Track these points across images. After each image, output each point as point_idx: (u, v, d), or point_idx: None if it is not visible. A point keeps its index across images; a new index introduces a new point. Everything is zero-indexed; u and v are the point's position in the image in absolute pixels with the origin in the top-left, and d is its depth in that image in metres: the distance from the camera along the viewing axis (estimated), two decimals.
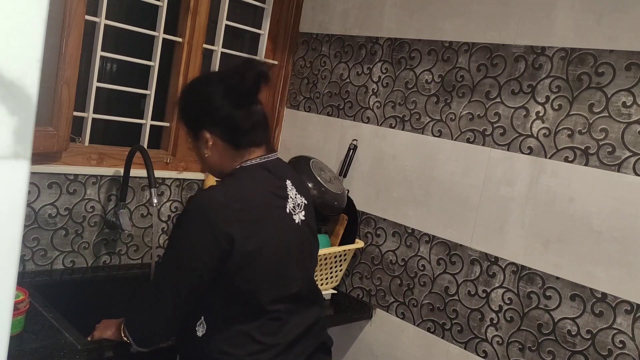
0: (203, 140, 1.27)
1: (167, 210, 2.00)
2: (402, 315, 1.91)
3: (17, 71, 0.39)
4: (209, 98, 1.25)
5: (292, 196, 1.29)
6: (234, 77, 1.22)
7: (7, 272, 0.41)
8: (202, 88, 1.28)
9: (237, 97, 1.23)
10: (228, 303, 1.19)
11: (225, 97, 1.23)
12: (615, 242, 1.46)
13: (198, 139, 1.28)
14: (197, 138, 1.28)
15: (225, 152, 1.26)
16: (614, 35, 1.48)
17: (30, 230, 1.68)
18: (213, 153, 1.27)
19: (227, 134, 1.25)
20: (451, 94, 1.81)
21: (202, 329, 1.20)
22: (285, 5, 2.27)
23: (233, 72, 1.23)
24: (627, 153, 1.46)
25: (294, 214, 1.29)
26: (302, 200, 1.33)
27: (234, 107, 1.23)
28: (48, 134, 1.55)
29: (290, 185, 1.31)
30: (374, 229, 1.99)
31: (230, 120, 1.24)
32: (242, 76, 1.21)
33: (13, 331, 1.29)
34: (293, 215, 1.28)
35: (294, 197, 1.30)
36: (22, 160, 0.40)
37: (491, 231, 1.70)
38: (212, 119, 1.25)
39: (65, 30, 1.50)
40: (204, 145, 1.27)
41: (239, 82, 1.22)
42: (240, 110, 1.24)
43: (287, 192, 1.29)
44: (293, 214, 1.28)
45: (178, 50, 1.99)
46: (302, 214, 1.31)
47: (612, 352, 1.46)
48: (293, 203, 1.29)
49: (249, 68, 1.22)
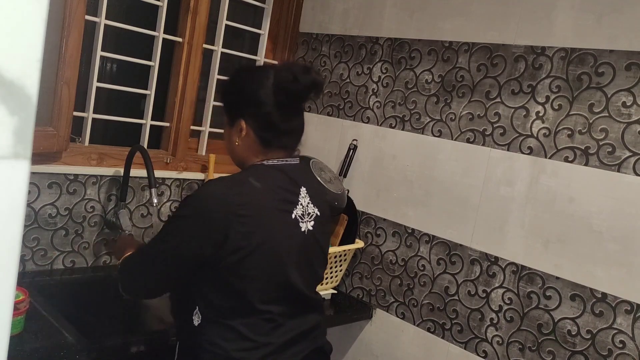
0: (237, 128, 1.27)
1: (167, 210, 2.00)
2: (402, 315, 1.91)
3: (17, 71, 0.39)
4: (257, 90, 1.24)
5: (303, 203, 1.27)
6: (287, 78, 1.21)
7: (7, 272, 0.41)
8: (253, 78, 1.27)
9: (284, 98, 1.23)
10: (220, 297, 1.19)
11: (272, 94, 1.23)
12: (615, 242, 1.46)
13: (233, 125, 1.28)
14: (232, 124, 1.29)
15: (253, 146, 1.27)
16: (614, 35, 1.48)
17: (30, 230, 1.68)
18: (242, 143, 1.27)
19: (262, 130, 1.25)
20: (451, 94, 1.81)
21: (198, 319, 1.20)
22: (285, 5, 2.27)
23: (288, 73, 1.22)
24: (627, 153, 1.46)
25: (301, 222, 1.26)
26: (314, 210, 1.30)
27: (277, 107, 1.23)
28: (48, 134, 1.55)
29: (304, 193, 1.29)
30: (374, 229, 1.99)
31: (270, 118, 1.24)
32: (295, 79, 1.21)
33: (13, 331, 1.29)
34: (300, 222, 1.26)
35: (306, 205, 1.28)
36: (22, 160, 0.40)
37: (491, 231, 1.70)
38: (253, 111, 1.25)
39: (65, 30, 1.50)
40: (236, 132, 1.27)
41: (291, 84, 1.21)
42: (283, 112, 1.24)
43: (297, 198, 1.27)
44: (300, 221, 1.26)
45: (178, 50, 1.99)
46: (311, 224, 1.28)
47: (612, 352, 1.46)
48: (302, 211, 1.27)
49: (304, 74, 1.22)
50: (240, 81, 1.31)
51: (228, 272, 1.17)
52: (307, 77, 1.21)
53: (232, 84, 1.33)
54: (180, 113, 1.99)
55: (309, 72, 1.22)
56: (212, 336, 1.19)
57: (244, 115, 1.26)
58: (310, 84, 1.22)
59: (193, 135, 2.10)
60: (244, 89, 1.27)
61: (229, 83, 1.34)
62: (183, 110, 1.99)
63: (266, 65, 1.38)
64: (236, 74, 1.35)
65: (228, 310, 1.19)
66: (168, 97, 2.03)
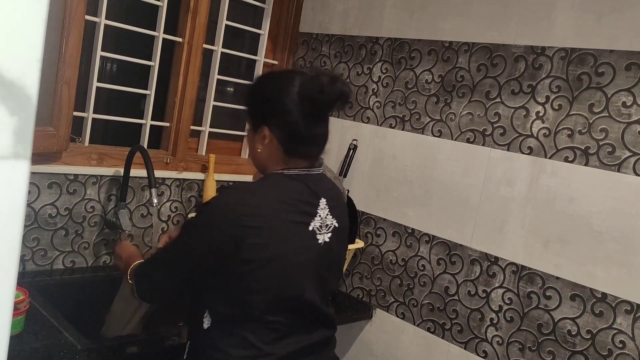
0: (261, 135, 1.24)
1: (167, 210, 2.00)
2: (402, 315, 1.91)
3: (17, 71, 0.39)
4: (282, 98, 1.22)
5: (321, 215, 1.26)
6: (314, 88, 1.19)
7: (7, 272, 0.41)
8: (278, 86, 1.24)
9: (309, 108, 1.21)
10: (227, 304, 1.20)
11: (298, 103, 1.20)
12: (615, 242, 1.46)
13: (256, 132, 1.26)
14: (255, 130, 1.27)
15: (276, 154, 1.24)
16: (614, 35, 1.48)
17: (30, 230, 1.68)
18: (265, 150, 1.25)
19: (285, 138, 1.22)
20: (451, 94, 1.81)
21: (207, 322, 1.21)
22: (285, 5, 2.27)
23: (315, 83, 1.19)
24: (627, 153, 1.46)
25: (319, 233, 1.24)
26: (332, 222, 1.28)
27: (303, 116, 1.21)
28: (48, 134, 1.55)
29: (324, 204, 1.27)
30: (374, 229, 1.99)
31: (294, 128, 1.22)
32: (322, 90, 1.18)
33: (13, 331, 1.29)
34: (317, 234, 1.24)
35: (325, 217, 1.26)
36: (22, 160, 0.40)
37: (491, 231, 1.70)
38: (278, 119, 1.22)
39: (65, 30, 1.50)
40: (259, 139, 1.25)
41: (317, 94, 1.19)
42: (307, 121, 1.22)
43: (316, 210, 1.25)
44: (317, 232, 1.24)
45: (178, 50, 1.99)
46: (328, 236, 1.26)
47: (612, 352, 1.46)
48: (321, 222, 1.25)
49: (331, 84, 1.19)
50: (265, 88, 1.28)
51: (236, 283, 1.17)
52: (334, 88, 1.19)
53: (257, 90, 1.30)
54: (180, 113, 1.99)
55: (336, 83, 1.20)
56: (219, 340, 1.19)
57: (268, 122, 1.23)
58: (337, 94, 1.19)
59: (193, 135, 2.10)
60: (269, 97, 1.25)
61: (253, 89, 1.31)
62: (183, 110, 1.99)
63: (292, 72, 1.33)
64: (261, 80, 1.33)
65: (234, 318, 1.19)
66: (168, 97, 2.02)
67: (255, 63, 2.26)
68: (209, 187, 2.03)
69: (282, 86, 1.23)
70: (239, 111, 2.30)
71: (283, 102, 1.21)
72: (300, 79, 1.22)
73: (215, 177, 2.06)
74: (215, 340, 1.19)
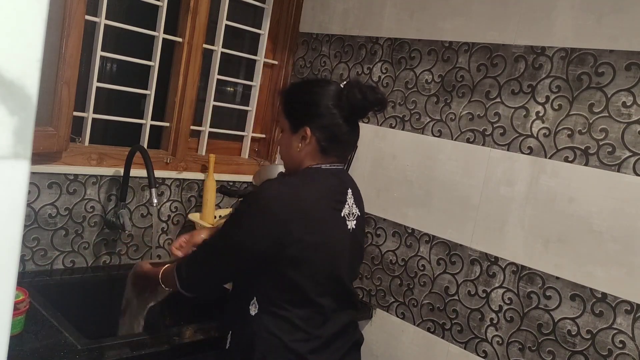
0: (301, 134, 1.33)
1: (167, 210, 2.00)
2: (402, 315, 1.91)
3: (17, 71, 0.39)
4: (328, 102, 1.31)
5: (349, 204, 1.37)
6: (357, 95, 1.30)
7: (7, 272, 0.41)
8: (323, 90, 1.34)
9: (351, 112, 1.32)
10: (278, 289, 1.26)
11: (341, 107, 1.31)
12: (615, 242, 1.46)
13: (296, 132, 1.34)
14: (295, 131, 1.35)
15: (313, 152, 1.34)
16: (614, 35, 1.48)
17: (30, 230, 1.68)
18: (303, 149, 1.34)
19: (326, 139, 1.32)
20: (451, 94, 1.81)
21: (255, 309, 1.28)
22: (285, 5, 2.27)
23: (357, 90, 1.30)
24: (627, 153, 1.46)
25: (348, 220, 1.36)
26: (356, 211, 1.39)
27: (343, 119, 1.32)
28: (48, 134, 1.55)
29: (350, 194, 1.38)
30: (374, 229, 1.99)
31: (335, 129, 1.32)
32: (365, 97, 1.30)
33: (13, 331, 1.29)
34: (347, 220, 1.35)
35: (351, 205, 1.38)
36: (22, 160, 0.40)
37: (491, 231, 1.70)
38: (321, 121, 1.32)
39: (65, 30, 1.50)
40: (299, 139, 1.34)
41: (360, 101, 1.30)
42: (347, 124, 1.33)
43: (345, 198, 1.36)
44: (347, 219, 1.35)
45: (178, 50, 1.99)
46: (354, 223, 1.37)
47: (612, 352, 1.46)
48: (348, 210, 1.36)
49: (372, 91, 1.31)
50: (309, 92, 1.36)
51: (287, 266, 1.24)
52: (375, 96, 1.31)
53: (300, 93, 1.38)
54: (180, 113, 2.00)
55: (377, 91, 1.33)
56: (269, 326, 1.26)
57: (310, 124, 1.32)
58: (377, 101, 1.32)
59: (193, 135, 2.10)
60: (316, 100, 1.33)
61: (298, 91, 1.40)
62: (183, 110, 1.99)
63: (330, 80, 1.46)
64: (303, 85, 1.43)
65: (284, 302, 1.26)
66: (168, 97, 2.02)
67: (255, 63, 2.26)
68: (209, 187, 2.03)
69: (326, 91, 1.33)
70: (239, 111, 2.30)
71: (328, 106, 1.31)
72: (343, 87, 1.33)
73: (215, 177, 2.06)
74: (266, 325, 1.26)
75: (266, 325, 1.26)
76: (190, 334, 1.51)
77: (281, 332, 1.25)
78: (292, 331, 1.26)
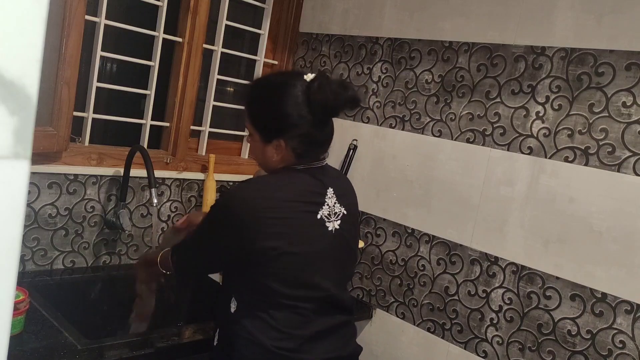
0: (275, 145, 1.26)
1: (167, 210, 2.00)
2: (402, 315, 1.91)
3: (17, 71, 0.39)
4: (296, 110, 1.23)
5: (329, 204, 1.30)
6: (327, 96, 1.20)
7: (7, 272, 0.41)
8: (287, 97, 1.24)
9: (323, 114, 1.24)
10: (252, 291, 1.24)
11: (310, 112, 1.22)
12: (615, 242, 1.46)
13: (269, 143, 1.27)
14: (268, 142, 1.27)
15: (288, 157, 1.28)
16: (614, 35, 1.48)
17: (30, 230, 1.68)
18: (279, 157, 1.28)
19: (301, 146, 1.26)
20: (451, 94, 1.81)
21: (234, 306, 1.26)
22: (285, 5, 2.27)
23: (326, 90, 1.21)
24: (627, 153, 1.46)
25: (327, 221, 1.29)
26: (340, 210, 1.32)
27: (316, 123, 1.24)
28: (48, 134, 1.55)
29: (331, 193, 1.31)
30: (374, 229, 1.99)
31: (310, 135, 1.25)
32: (336, 97, 1.21)
33: (13, 331, 1.29)
34: (326, 222, 1.28)
35: (332, 205, 1.30)
36: (22, 160, 0.40)
37: (491, 231, 1.70)
38: (295, 131, 1.24)
39: (65, 30, 1.50)
40: (273, 149, 1.27)
41: (332, 100, 1.21)
42: (321, 125, 1.26)
43: (324, 199, 1.29)
44: (326, 220, 1.28)
45: (178, 50, 1.99)
46: (338, 223, 1.30)
47: (612, 352, 1.46)
48: (329, 211, 1.29)
49: (344, 89, 1.22)
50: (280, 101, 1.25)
51: (256, 271, 1.22)
52: (347, 93, 1.22)
53: (271, 104, 1.27)
54: (180, 113, 1.99)
55: (348, 88, 1.23)
56: (247, 325, 1.23)
57: (285, 135, 1.24)
58: (349, 99, 1.23)
59: (193, 135, 2.10)
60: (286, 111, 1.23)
61: (264, 102, 1.29)
62: (183, 110, 1.99)
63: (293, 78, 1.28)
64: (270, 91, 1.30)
65: (258, 302, 1.24)
66: (168, 97, 2.02)
67: (255, 63, 2.26)
68: (209, 187, 2.03)
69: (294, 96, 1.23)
70: (239, 111, 2.29)
71: (300, 114, 1.22)
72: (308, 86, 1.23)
73: (215, 177, 2.06)
74: (244, 324, 1.24)
75: (244, 324, 1.23)
76: (189, 334, 1.51)
77: (258, 332, 1.22)
78: (270, 331, 1.22)
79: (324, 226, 1.28)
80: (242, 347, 1.23)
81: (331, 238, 1.29)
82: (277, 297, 1.22)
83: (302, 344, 1.25)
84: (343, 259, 1.35)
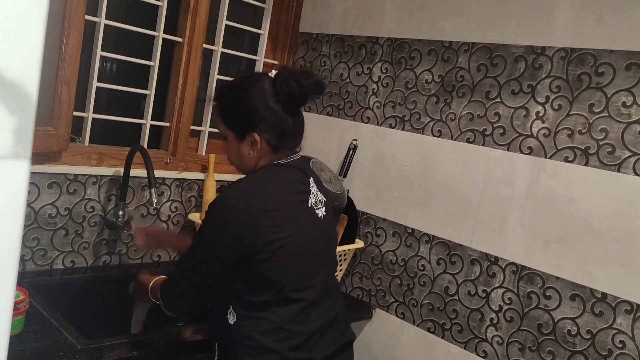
0: (249, 140, 1.30)
1: (167, 210, 2.00)
2: (402, 315, 1.91)
3: (17, 71, 0.39)
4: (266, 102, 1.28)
5: (313, 192, 1.35)
6: (291, 85, 1.25)
7: (7, 272, 0.41)
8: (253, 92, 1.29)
9: (291, 103, 1.28)
10: (254, 290, 1.25)
11: (277, 102, 1.27)
12: (615, 242, 1.46)
13: (244, 140, 1.31)
14: (242, 139, 1.31)
15: (264, 152, 1.31)
16: (614, 35, 1.48)
17: (30, 230, 1.68)
18: (255, 153, 1.31)
19: (274, 137, 1.30)
20: (451, 94, 1.81)
21: (233, 317, 1.26)
22: (285, 5, 2.27)
23: (290, 79, 1.26)
24: (627, 153, 1.46)
25: (317, 209, 1.34)
26: (322, 197, 1.38)
27: (286, 113, 1.29)
28: (48, 134, 1.55)
29: (312, 182, 1.37)
30: (374, 229, 1.99)
31: (282, 125, 1.29)
32: (300, 85, 1.25)
33: (13, 331, 1.29)
34: (315, 209, 1.34)
35: (316, 193, 1.36)
36: (22, 160, 0.40)
37: (491, 231, 1.70)
38: (266, 123, 1.28)
39: (65, 30, 1.50)
40: (249, 145, 1.31)
41: (294, 88, 1.25)
42: (290, 116, 1.30)
43: (309, 188, 1.35)
44: (315, 208, 1.34)
45: (178, 50, 1.99)
46: (323, 210, 1.36)
47: (612, 352, 1.46)
48: (315, 199, 1.35)
49: (306, 77, 1.27)
50: (247, 97, 1.30)
51: (263, 266, 1.23)
52: (310, 81, 1.27)
53: (238, 101, 1.32)
54: (180, 113, 1.99)
55: (311, 76, 1.28)
56: (248, 331, 1.24)
57: (257, 128, 1.29)
58: (314, 85, 1.27)
59: (193, 135, 2.10)
60: (254, 105, 1.29)
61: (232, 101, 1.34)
62: (183, 110, 1.99)
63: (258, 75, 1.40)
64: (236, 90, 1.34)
65: (262, 303, 1.25)
66: (168, 97, 2.02)
67: (255, 63, 2.26)
68: (209, 187, 2.03)
69: (260, 91, 1.29)
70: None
71: (268, 105, 1.28)
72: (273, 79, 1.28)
73: (215, 177, 2.06)
74: (245, 331, 1.24)
75: (245, 331, 1.24)
76: (189, 334, 1.51)
77: (261, 335, 1.23)
78: (272, 331, 1.24)
79: (314, 214, 1.33)
80: (247, 355, 1.24)
81: (321, 224, 1.34)
82: (280, 290, 1.24)
83: (307, 340, 1.27)
84: (331, 245, 1.42)
